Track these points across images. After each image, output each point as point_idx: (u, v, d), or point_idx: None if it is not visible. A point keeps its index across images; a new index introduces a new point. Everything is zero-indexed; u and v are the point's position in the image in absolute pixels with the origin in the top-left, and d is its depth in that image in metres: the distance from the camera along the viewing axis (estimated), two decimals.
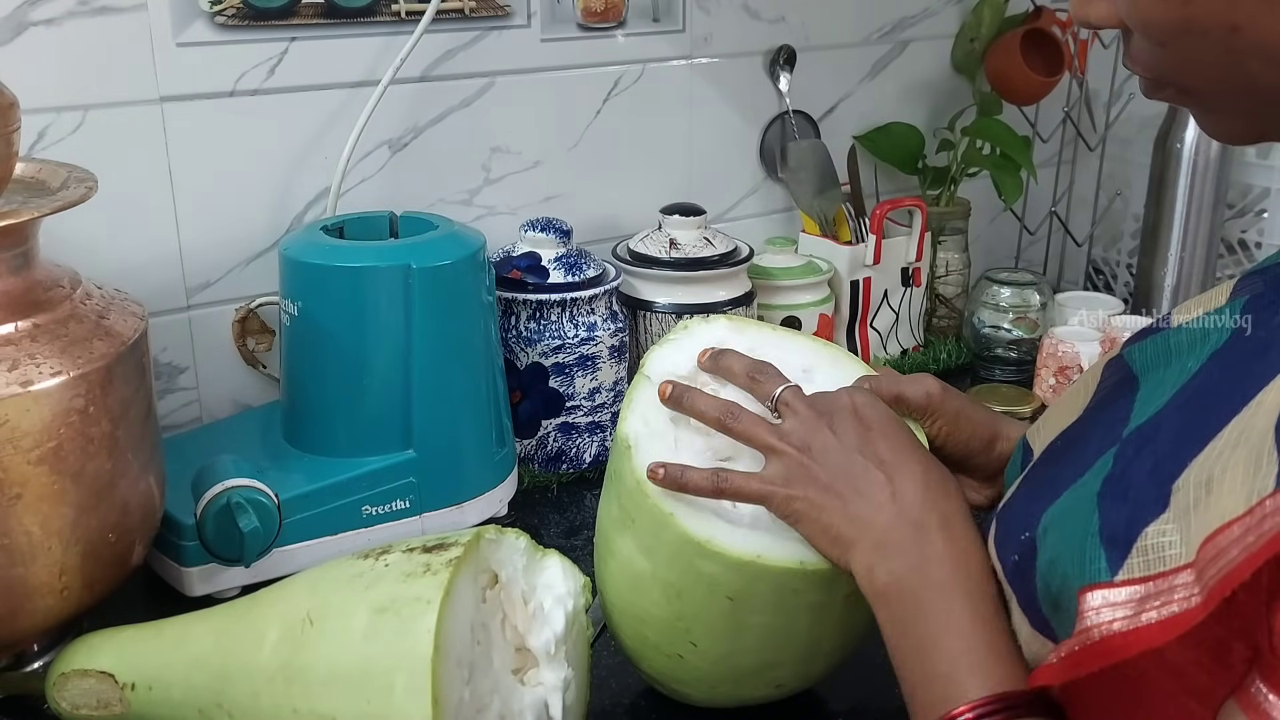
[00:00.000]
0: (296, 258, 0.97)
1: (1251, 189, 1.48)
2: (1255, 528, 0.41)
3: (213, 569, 0.91)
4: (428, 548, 0.69)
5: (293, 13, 1.08)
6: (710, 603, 0.70)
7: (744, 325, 0.79)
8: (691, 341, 0.77)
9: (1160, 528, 0.46)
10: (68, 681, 0.74)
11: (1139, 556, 0.46)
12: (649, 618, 0.74)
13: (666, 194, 1.31)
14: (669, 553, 0.70)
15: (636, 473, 0.70)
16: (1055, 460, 0.58)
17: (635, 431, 0.72)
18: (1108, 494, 0.50)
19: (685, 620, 0.72)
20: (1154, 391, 0.54)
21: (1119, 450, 0.52)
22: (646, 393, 0.74)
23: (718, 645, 0.72)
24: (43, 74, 0.98)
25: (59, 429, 0.75)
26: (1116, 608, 0.46)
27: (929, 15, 1.49)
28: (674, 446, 0.72)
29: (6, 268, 0.77)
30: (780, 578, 0.68)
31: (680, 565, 0.70)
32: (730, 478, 0.67)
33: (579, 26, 1.24)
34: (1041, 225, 1.61)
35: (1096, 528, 0.49)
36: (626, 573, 0.74)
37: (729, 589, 0.69)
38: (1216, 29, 0.47)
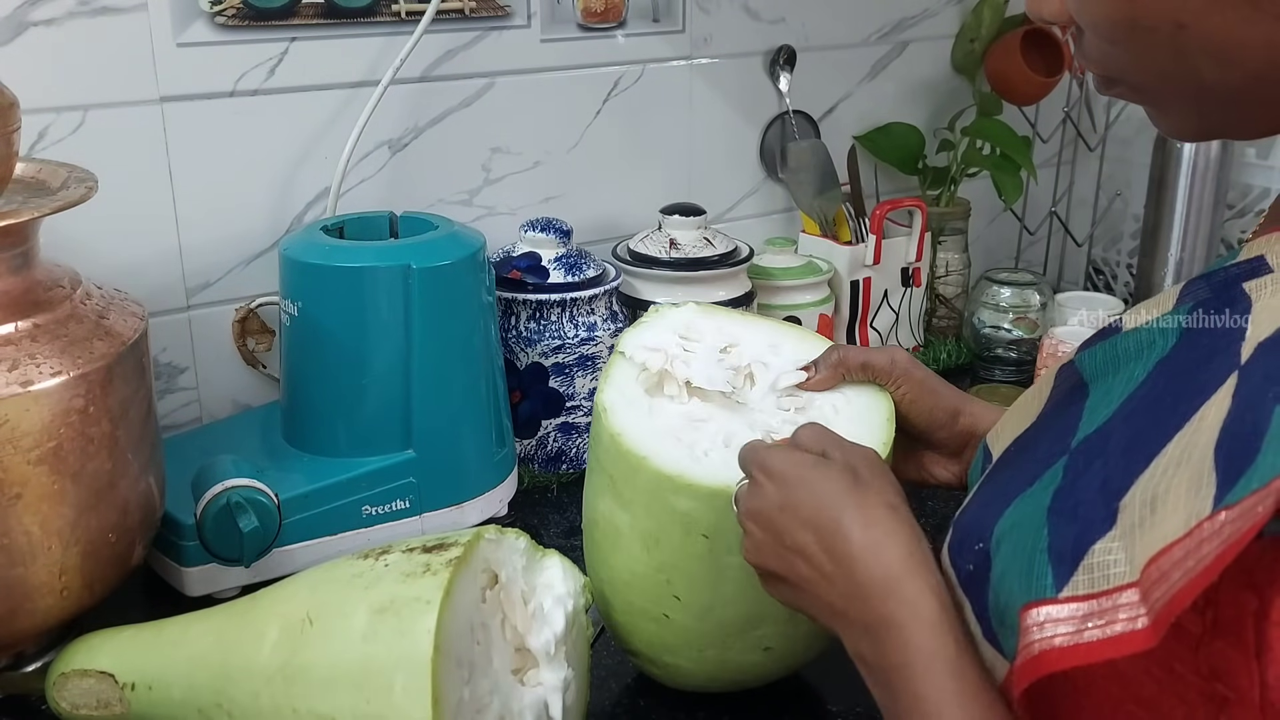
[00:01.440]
0: (296, 258, 0.97)
1: (1251, 189, 1.48)
2: (1194, 551, 0.41)
3: (213, 569, 0.91)
4: (427, 548, 0.69)
5: (293, 13, 1.08)
6: (686, 544, 0.72)
7: (711, 310, 0.85)
8: (663, 323, 0.83)
9: (1107, 545, 0.45)
10: (67, 681, 0.74)
11: (1084, 574, 0.46)
12: (633, 578, 0.76)
13: (666, 194, 1.31)
14: (645, 499, 0.73)
15: (611, 427, 0.74)
16: (1008, 467, 0.58)
17: (611, 399, 0.76)
18: (1057, 509, 0.49)
19: (666, 570, 0.73)
20: (1102, 399, 0.54)
21: (1068, 462, 0.51)
22: (622, 368, 0.79)
23: (699, 596, 0.73)
24: (43, 74, 0.98)
25: (59, 429, 0.75)
26: (1059, 623, 0.46)
27: (929, 15, 1.49)
28: (648, 413, 0.75)
29: (6, 268, 0.77)
30: None
31: (656, 508, 0.72)
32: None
33: (579, 27, 1.24)
34: (1041, 225, 1.61)
35: (1045, 544, 0.48)
36: (609, 536, 0.76)
37: (703, 525, 0.71)
38: (1163, 26, 0.47)
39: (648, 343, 0.80)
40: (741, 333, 0.83)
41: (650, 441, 0.73)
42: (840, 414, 0.76)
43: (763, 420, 0.75)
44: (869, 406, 0.76)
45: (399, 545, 0.71)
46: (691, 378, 0.77)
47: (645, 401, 0.76)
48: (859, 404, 0.77)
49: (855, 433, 0.68)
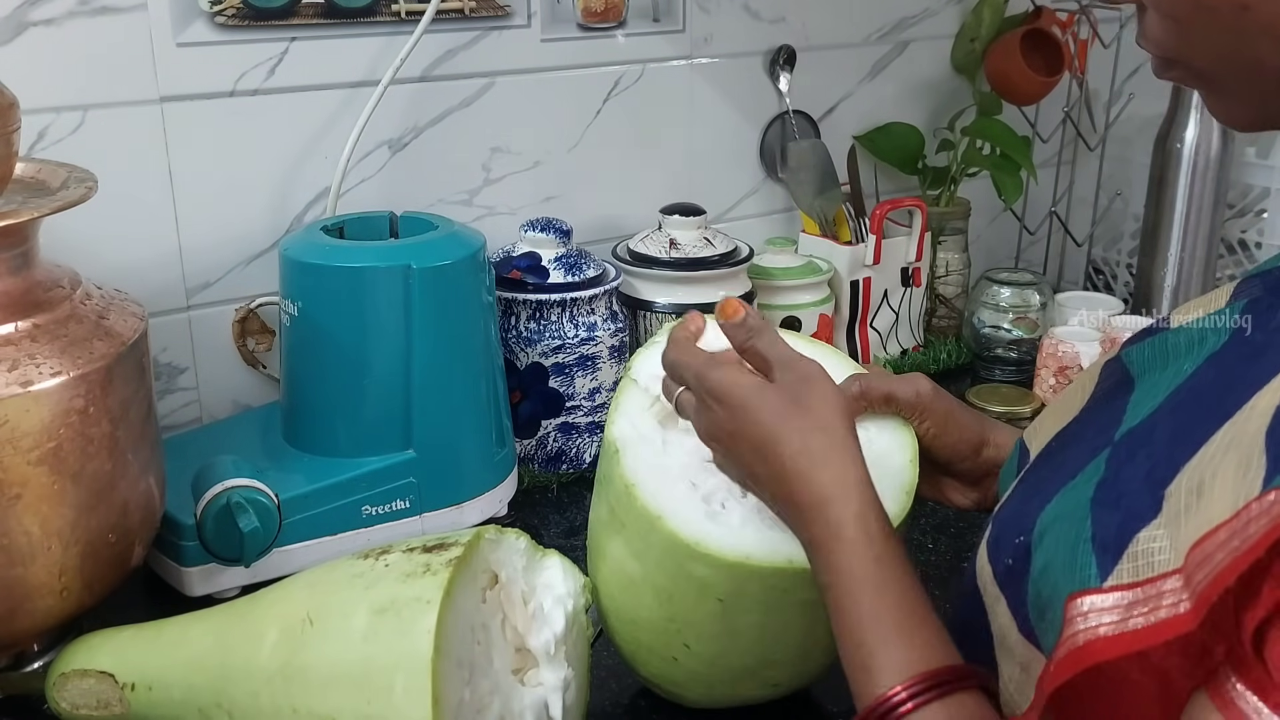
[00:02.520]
0: (296, 258, 0.97)
1: (1251, 189, 1.48)
2: (1240, 531, 0.41)
3: (213, 569, 0.91)
4: (428, 547, 0.69)
5: (293, 13, 1.08)
6: (701, 605, 0.70)
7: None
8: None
9: (1151, 533, 0.45)
10: (67, 682, 0.74)
11: (1129, 563, 0.46)
12: (642, 621, 0.74)
13: (666, 194, 1.31)
14: (658, 555, 0.70)
15: (625, 477, 0.71)
16: (1050, 462, 0.58)
17: (623, 435, 0.73)
18: (1100, 500, 0.49)
19: (678, 623, 0.72)
20: (1148, 393, 0.54)
21: (1111, 453, 0.51)
22: (633, 396, 0.76)
23: (711, 647, 0.72)
24: (43, 74, 0.98)
25: (59, 429, 0.75)
26: (1103, 613, 0.46)
27: (929, 15, 1.49)
28: (662, 448, 0.73)
29: (6, 268, 0.77)
30: (769, 578, 0.68)
31: (670, 568, 0.70)
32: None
33: (579, 26, 1.24)
34: (1041, 225, 1.61)
35: (1089, 534, 0.48)
36: (619, 576, 0.74)
37: (719, 591, 0.69)
38: (1226, 7, 0.48)
39: (659, 370, 0.75)
40: None
41: (666, 497, 0.70)
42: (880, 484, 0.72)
43: None
44: (891, 447, 0.73)
45: (399, 545, 0.71)
46: None
47: (658, 436, 0.73)
48: (880, 444, 0.73)
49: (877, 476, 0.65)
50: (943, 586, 0.92)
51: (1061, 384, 1.27)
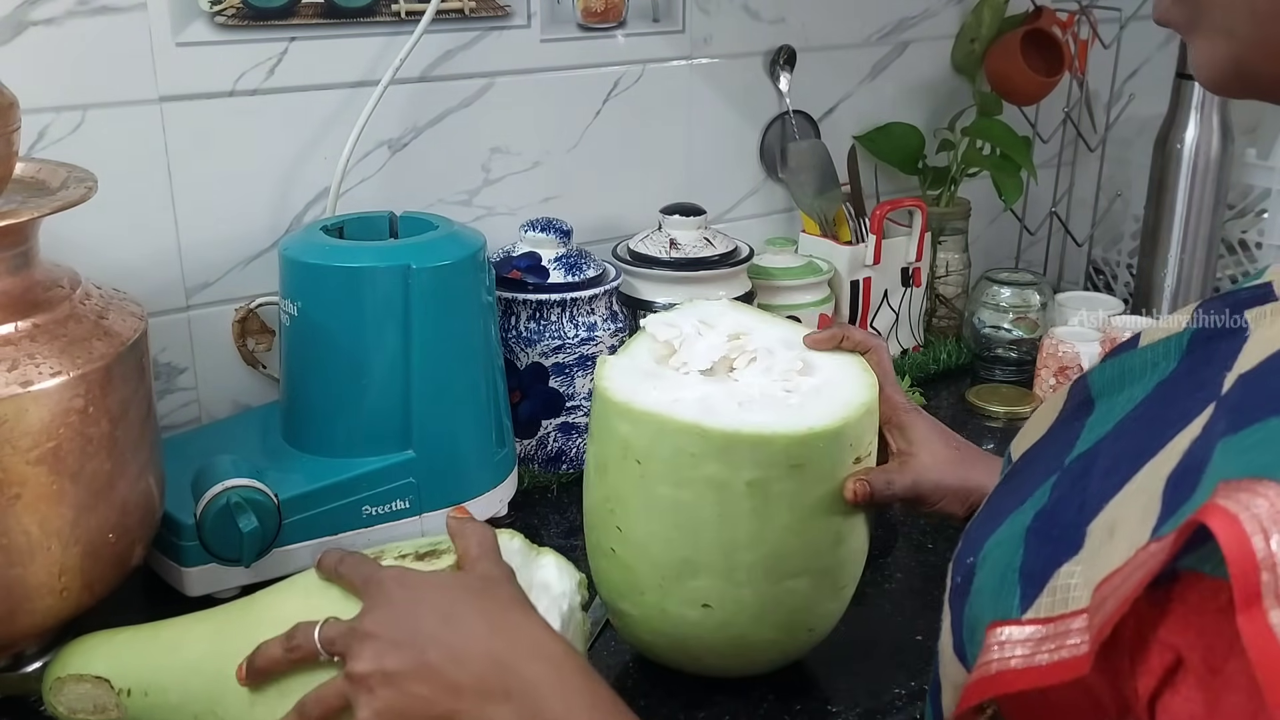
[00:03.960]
0: (296, 258, 0.97)
1: (1251, 189, 1.48)
2: (1127, 579, 0.41)
3: (213, 569, 0.91)
4: (420, 554, 0.69)
5: (293, 13, 1.08)
6: (624, 470, 0.75)
7: (741, 307, 0.87)
8: (690, 310, 0.85)
9: (1071, 569, 0.45)
10: (64, 686, 0.74)
11: (1048, 596, 0.45)
12: (591, 507, 0.80)
13: (666, 194, 1.31)
14: (599, 421, 0.77)
15: (597, 375, 0.77)
16: (1011, 482, 0.58)
17: (615, 359, 0.80)
18: (1035, 529, 0.49)
19: (611, 499, 0.77)
20: (1102, 419, 0.53)
21: (1056, 480, 0.51)
22: (640, 341, 0.82)
23: (635, 525, 0.75)
24: (43, 74, 0.98)
25: (58, 429, 0.75)
26: (1017, 644, 0.45)
27: (929, 16, 1.49)
28: (643, 373, 0.78)
29: (6, 268, 0.77)
30: (676, 436, 0.72)
31: (604, 431, 0.76)
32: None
33: (579, 27, 1.24)
34: (1041, 225, 1.61)
35: (1019, 563, 0.48)
36: (585, 480, 0.80)
37: (637, 449, 0.73)
38: None
39: (667, 320, 0.82)
40: (759, 325, 0.84)
41: (619, 379, 0.76)
42: (821, 395, 0.76)
43: (748, 392, 0.76)
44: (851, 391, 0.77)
45: (391, 550, 0.71)
46: (691, 354, 0.78)
47: (650, 367, 0.79)
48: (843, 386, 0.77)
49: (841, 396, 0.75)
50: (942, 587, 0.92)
51: (1062, 384, 1.27)
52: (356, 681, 0.61)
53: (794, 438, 0.71)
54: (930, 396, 1.34)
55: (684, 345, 0.79)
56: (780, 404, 0.74)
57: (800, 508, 0.74)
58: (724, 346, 0.79)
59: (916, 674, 0.85)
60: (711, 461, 0.71)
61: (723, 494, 0.72)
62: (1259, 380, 0.43)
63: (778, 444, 0.71)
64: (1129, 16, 1.52)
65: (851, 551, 0.79)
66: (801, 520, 0.74)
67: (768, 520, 0.73)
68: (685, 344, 0.79)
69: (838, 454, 0.74)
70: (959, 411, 1.33)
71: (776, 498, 0.72)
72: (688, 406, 0.73)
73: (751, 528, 0.73)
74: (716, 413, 0.72)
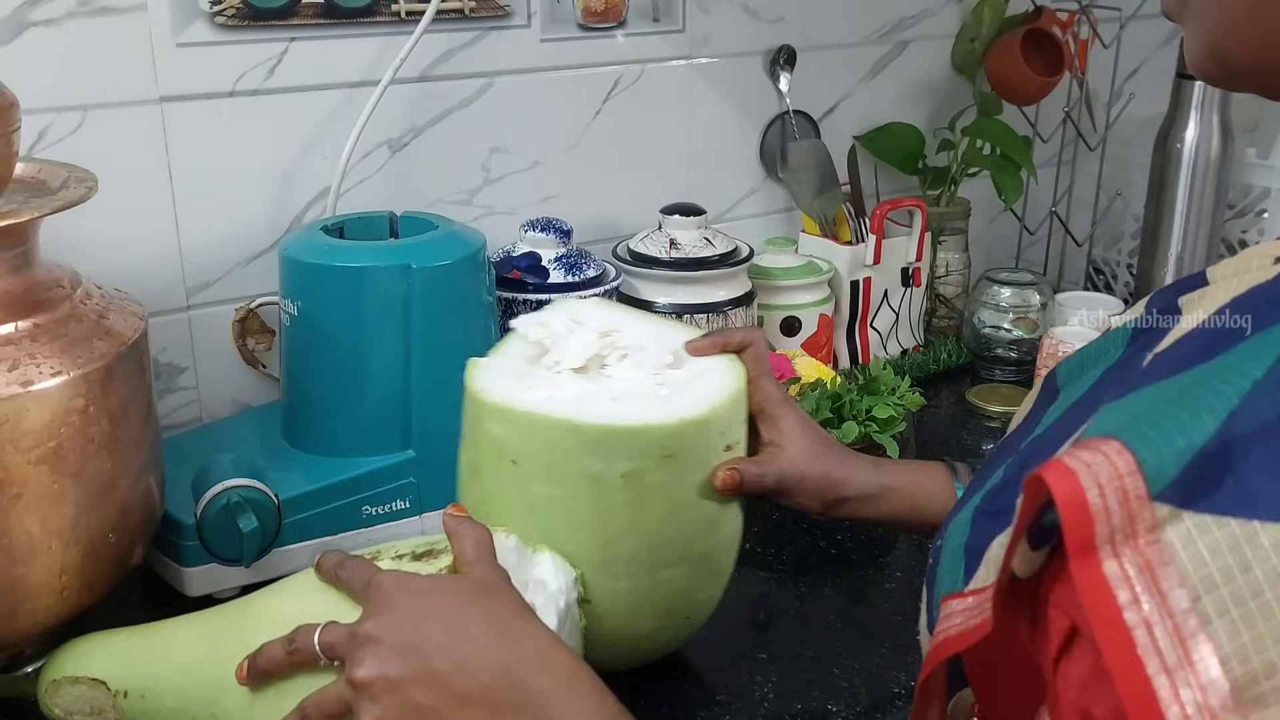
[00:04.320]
0: (296, 258, 0.97)
1: (1251, 189, 1.48)
2: (1011, 544, 0.42)
3: (213, 569, 0.91)
4: (416, 554, 0.69)
5: (293, 13, 1.08)
6: (499, 470, 0.75)
7: (612, 305, 0.87)
8: (560, 309, 0.84)
9: (1001, 540, 0.46)
10: (60, 688, 0.74)
11: (984, 569, 0.46)
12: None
13: (666, 194, 1.31)
14: (471, 424, 0.77)
15: (469, 383, 0.77)
16: (983, 471, 0.59)
17: (484, 360, 0.78)
18: (982, 509, 0.50)
19: (486, 500, 0.76)
20: (1059, 406, 0.55)
21: (1010, 463, 0.52)
22: (510, 342, 0.81)
23: (514, 526, 0.75)
24: (43, 74, 0.98)
25: (59, 429, 0.75)
26: (957, 615, 0.46)
27: (929, 15, 1.49)
28: (514, 373, 0.77)
29: (6, 268, 0.77)
30: (551, 432, 0.72)
31: (477, 433, 0.76)
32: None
33: (579, 26, 1.24)
34: (1041, 225, 1.61)
35: (965, 540, 0.50)
36: (458, 477, 0.79)
37: (512, 450, 0.73)
38: None
39: (538, 319, 0.82)
40: (630, 322, 0.83)
41: (491, 380, 0.75)
42: (691, 386, 0.77)
43: (620, 387, 0.76)
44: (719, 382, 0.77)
45: (388, 550, 0.71)
46: (563, 353, 0.78)
47: (522, 367, 0.78)
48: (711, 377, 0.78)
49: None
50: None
51: None
52: (359, 688, 0.61)
53: (666, 428, 0.72)
54: (930, 396, 1.34)
55: (555, 344, 0.79)
56: (651, 397, 0.75)
57: (674, 497, 0.75)
58: (595, 344, 0.79)
59: (916, 673, 0.85)
60: (586, 456, 0.72)
61: (598, 488, 0.73)
62: (1162, 356, 0.46)
63: (650, 435, 0.72)
64: (1129, 16, 1.52)
65: (726, 538, 0.80)
66: (676, 509, 0.75)
67: (643, 511, 0.74)
68: (557, 343, 0.79)
69: (709, 443, 0.75)
70: (959, 411, 1.33)
71: (651, 488, 0.73)
72: (561, 404, 0.73)
73: (627, 519, 0.74)
74: (590, 408, 0.73)
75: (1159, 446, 0.39)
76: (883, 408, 1.10)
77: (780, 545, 1.03)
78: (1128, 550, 0.38)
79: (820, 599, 0.95)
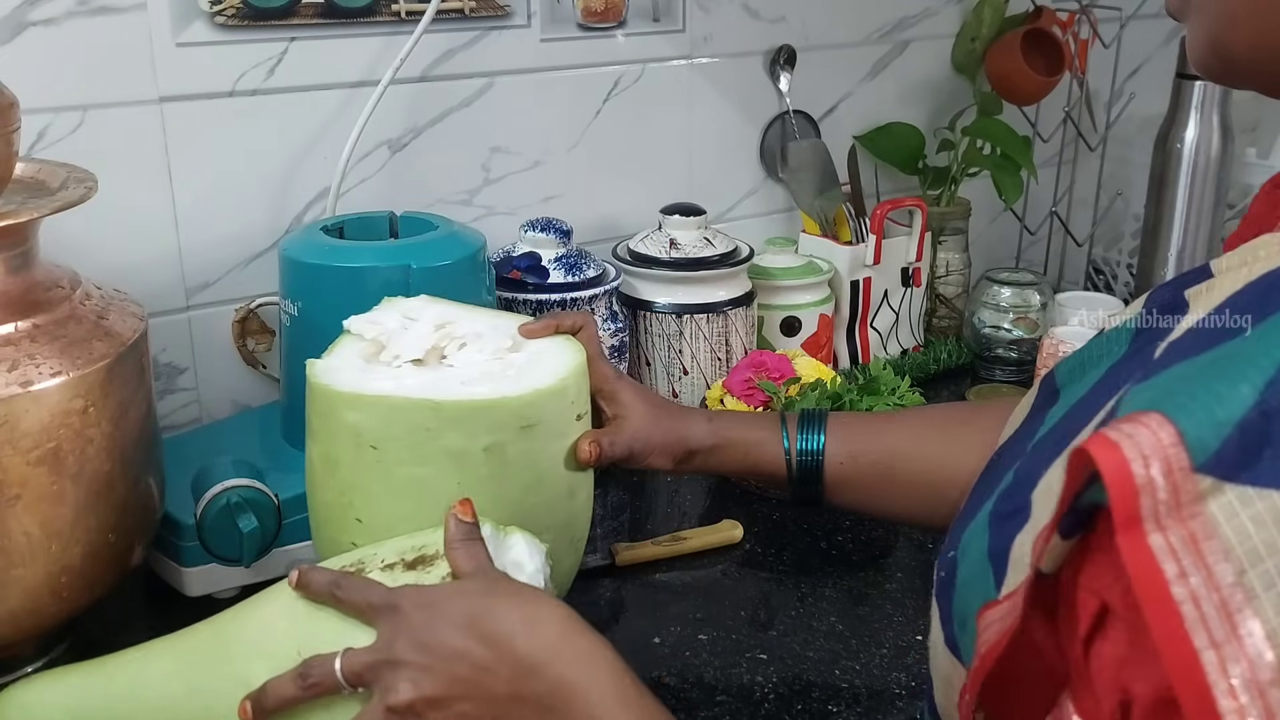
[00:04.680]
0: (296, 258, 0.97)
1: (1251, 189, 1.48)
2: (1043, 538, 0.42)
3: (213, 569, 0.91)
4: (409, 563, 0.68)
5: (293, 13, 1.08)
6: (359, 459, 0.74)
7: (442, 301, 0.86)
8: (391, 306, 0.84)
9: (1023, 539, 0.46)
10: None
11: (1013, 571, 0.46)
12: (322, 507, 0.78)
13: (666, 194, 1.31)
14: (323, 419, 0.75)
15: (310, 378, 0.76)
16: (987, 476, 0.58)
17: (320, 360, 0.78)
18: (996, 511, 0.50)
19: (346, 492, 0.75)
20: (1061, 406, 0.54)
21: (1019, 466, 0.52)
22: (344, 342, 0.80)
23: (378, 514, 0.74)
24: (43, 74, 0.98)
25: (58, 429, 0.75)
26: (994, 624, 0.46)
27: (929, 15, 1.49)
28: (355, 368, 0.77)
29: (6, 268, 0.77)
30: (412, 414, 0.72)
31: (331, 426, 0.75)
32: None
33: (579, 26, 1.24)
34: (1042, 225, 1.61)
35: (986, 546, 0.49)
36: (308, 478, 0.78)
37: (370, 436, 0.73)
38: None
39: (369, 318, 0.82)
40: (463, 315, 0.84)
41: (336, 375, 0.75)
42: (536, 364, 0.77)
43: (466, 373, 0.76)
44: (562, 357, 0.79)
45: (372, 561, 0.69)
46: (401, 347, 0.78)
47: (360, 365, 0.78)
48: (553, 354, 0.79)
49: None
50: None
51: None
52: (401, 713, 0.60)
53: (523, 399, 0.74)
54: (930, 396, 1.34)
55: (391, 340, 0.79)
56: (500, 376, 0.76)
57: (536, 466, 0.76)
58: (433, 336, 0.80)
59: (916, 674, 0.85)
60: (448, 433, 0.72)
61: (462, 463, 0.73)
62: (1179, 342, 0.46)
63: (509, 406, 0.73)
64: (1129, 16, 1.52)
65: (582, 504, 0.81)
66: (538, 478, 0.76)
67: (506, 482, 0.74)
68: (392, 339, 0.79)
69: (563, 411, 0.77)
70: None
71: (513, 459, 0.74)
72: (414, 389, 0.74)
73: (492, 492, 0.74)
74: (442, 390, 0.73)
75: (1200, 418, 0.38)
76: (883, 408, 1.10)
77: (780, 545, 1.03)
78: (1172, 523, 0.38)
79: (821, 599, 0.95)
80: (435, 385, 0.74)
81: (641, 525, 1.09)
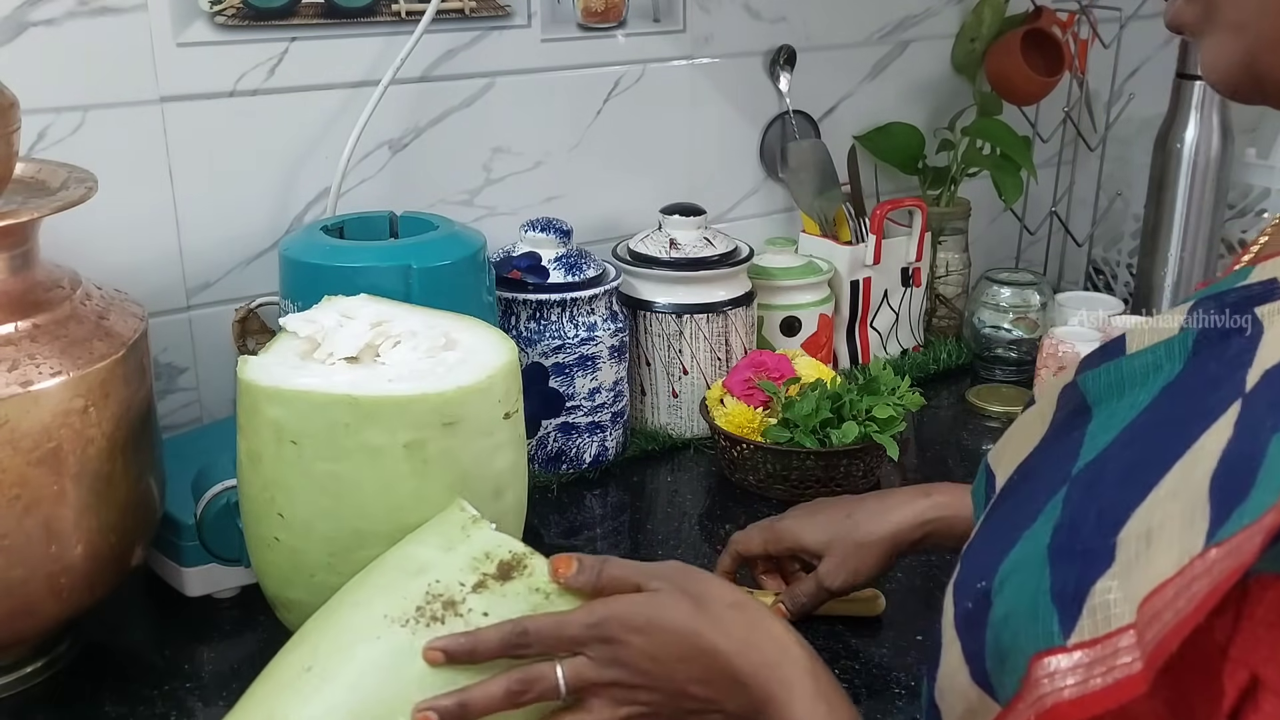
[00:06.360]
0: (296, 258, 0.97)
1: (1251, 189, 1.48)
2: (1185, 590, 0.40)
3: (213, 569, 0.91)
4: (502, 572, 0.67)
5: (293, 13, 1.08)
6: (280, 454, 0.74)
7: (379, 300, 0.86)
8: (328, 305, 0.84)
9: (1106, 584, 0.44)
10: None
11: (1089, 618, 0.44)
12: (247, 501, 0.78)
13: (666, 194, 1.31)
14: (248, 414, 0.75)
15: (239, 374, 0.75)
16: (1013, 498, 0.57)
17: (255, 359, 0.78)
18: (1057, 547, 0.48)
19: (269, 488, 0.75)
20: (1104, 425, 0.52)
21: (1067, 492, 0.50)
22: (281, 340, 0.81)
23: (299, 509, 0.75)
24: (43, 74, 0.98)
25: (59, 429, 0.75)
26: (1067, 674, 0.44)
27: (929, 15, 1.49)
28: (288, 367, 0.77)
29: (6, 268, 0.77)
30: (330, 410, 0.72)
31: (255, 421, 0.75)
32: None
33: (579, 26, 1.24)
34: (1041, 225, 1.61)
35: (1048, 585, 0.47)
36: (238, 473, 0.79)
37: (291, 431, 0.73)
38: None
39: (306, 317, 0.82)
40: (400, 313, 0.84)
41: (265, 371, 0.75)
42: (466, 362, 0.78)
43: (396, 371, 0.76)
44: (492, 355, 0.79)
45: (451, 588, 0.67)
46: (335, 345, 0.78)
47: (295, 362, 0.78)
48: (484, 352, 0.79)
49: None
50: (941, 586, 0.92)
51: None
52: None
53: (444, 396, 0.74)
54: (930, 396, 1.34)
55: (327, 338, 0.79)
56: (427, 374, 0.76)
57: (459, 465, 0.75)
58: (368, 334, 0.80)
59: (916, 674, 0.85)
60: (366, 429, 0.72)
61: (381, 460, 0.73)
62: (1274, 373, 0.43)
63: (429, 402, 0.73)
64: (1129, 16, 1.52)
65: (511, 505, 0.81)
66: (461, 477, 0.76)
67: (428, 480, 0.74)
68: (328, 336, 0.79)
69: (489, 409, 0.77)
70: (959, 411, 1.33)
71: (435, 457, 0.74)
72: (337, 385, 0.74)
73: (413, 489, 0.74)
74: (367, 387, 0.74)
75: None
76: (883, 408, 1.10)
77: None
78: None
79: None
80: (360, 382, 0.74)
81: (642, 525, 1.09)
